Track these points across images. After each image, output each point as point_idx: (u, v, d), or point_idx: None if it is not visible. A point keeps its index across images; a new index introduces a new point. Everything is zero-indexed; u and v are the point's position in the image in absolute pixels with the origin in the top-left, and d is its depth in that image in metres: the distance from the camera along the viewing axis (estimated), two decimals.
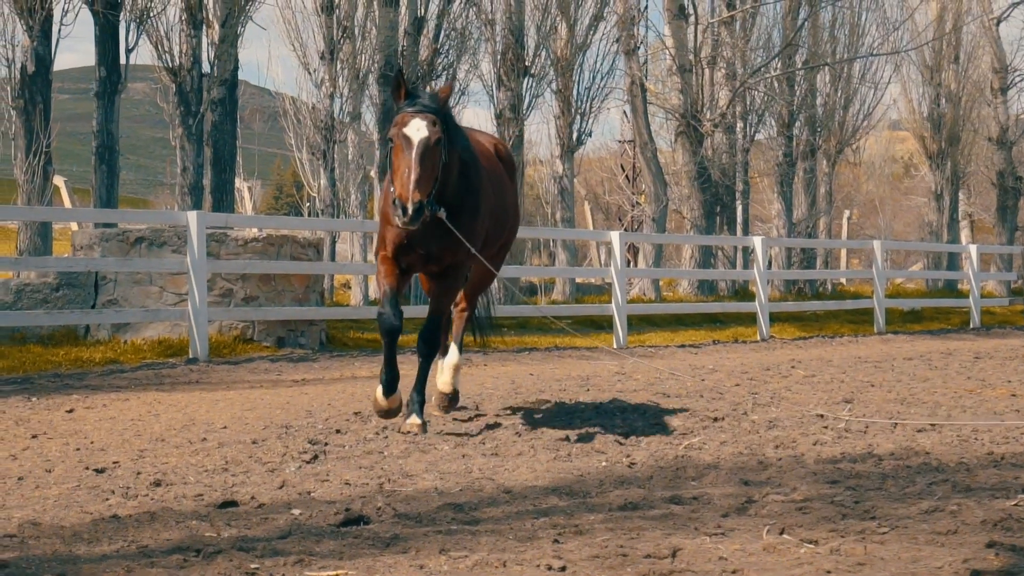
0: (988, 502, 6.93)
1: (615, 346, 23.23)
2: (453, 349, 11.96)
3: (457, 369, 11.88)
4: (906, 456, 9.08)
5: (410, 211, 9.68)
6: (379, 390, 10.70)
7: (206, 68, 27.36)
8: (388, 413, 10.70)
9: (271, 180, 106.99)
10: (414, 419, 10.60)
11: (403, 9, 30.98)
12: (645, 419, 11.50)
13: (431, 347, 10.83)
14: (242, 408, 12.67)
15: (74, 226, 25.27)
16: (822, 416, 11.66)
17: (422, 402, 10.82)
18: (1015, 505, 6.81)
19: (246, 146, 59.26)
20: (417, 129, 9.98)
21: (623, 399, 13.17)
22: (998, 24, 49.74)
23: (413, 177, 9.80)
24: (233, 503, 7.36)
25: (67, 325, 18.79)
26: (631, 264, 42.52)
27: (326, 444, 9.96)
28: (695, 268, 35.63)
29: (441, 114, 10.28)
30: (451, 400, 11.81)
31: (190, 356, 18.07)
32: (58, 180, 27.14)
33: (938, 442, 9.89)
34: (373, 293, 29.71)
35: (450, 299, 11.27)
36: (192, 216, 18.23)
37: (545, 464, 8.84)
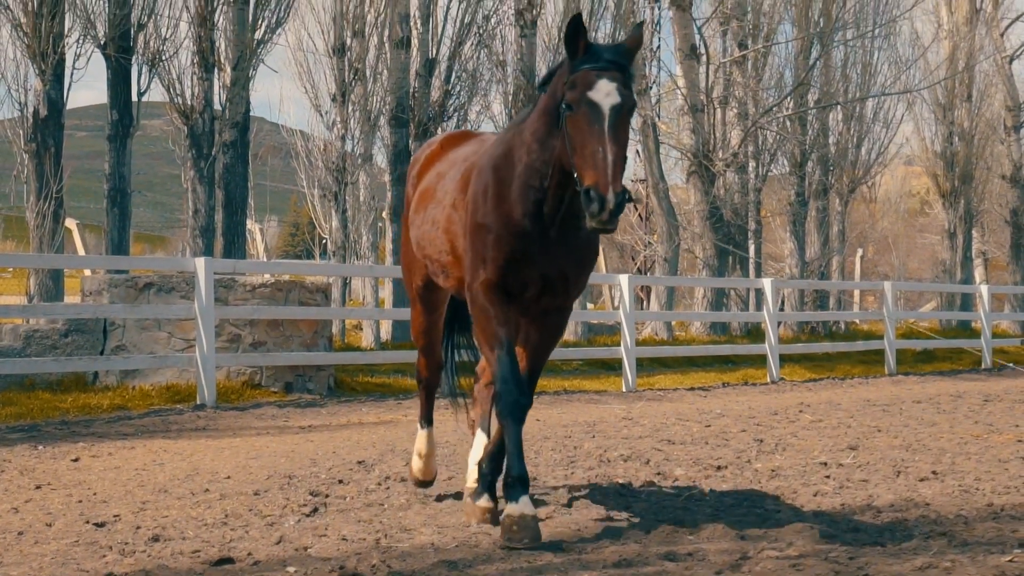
0: (982, 558, 6.92)
1: (624, 389, 23.22)
2: (480, 438, 9.55)
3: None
4: (906, 508, 9.08)
5: (611, 203, 7.36)
6: (473, 489, 8.91)
7: (218, 107, 27.49)
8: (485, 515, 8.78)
9: (287, 217, 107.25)
10: (485, 501, 8.70)
11: (414, 51, 31.16)
12: (648, 468, 11.50)
13: (524, 410, 8.27)
14: (247, 456, 12.69)
15: (86, 270, 25.35)
16: (825, 464, 11.66)
17: (495, 475, 8.76)
18: (1009, 561, 6.80)
19: (262, 183, 59.37)
20: (607, 94, 7.77)
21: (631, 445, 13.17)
22: (1011, 62, 49.80)
23: (611, 158, 7.50)
24: (229, 560, 7.38)
25: (75, 372, 18.84)
26: (643, 303, 42.49)
27: (327, 496, 9.97)
28: (707, 308, 35.67)
29: (631, 74, 8.04)
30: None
31: (198, 402, 18.11)
32: (70, 223, 27.23)
33: (939, 492, 9.89)
34: (385, 335, 29.70)
35: (552, 347, 8.86)
36: (200, 263, 18.30)
37: (543, 516, 8.83)
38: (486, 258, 8.33)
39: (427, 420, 10.29)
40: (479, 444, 9.41)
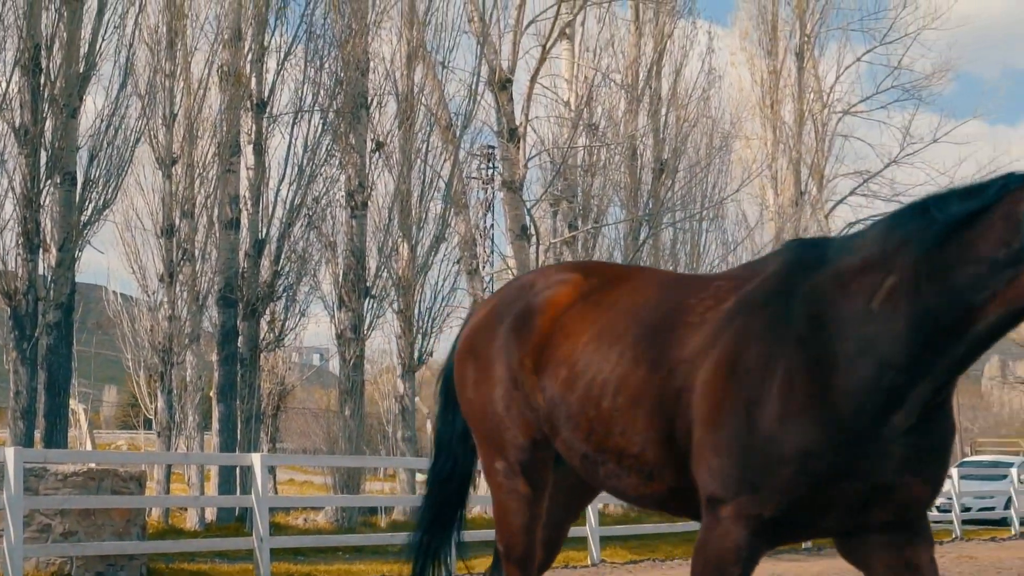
0: None
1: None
2: None
3: None
4: None
5: None
6: None
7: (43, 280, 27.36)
8: None
9: (127, 386, 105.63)
10: None
11: (244, 231, 31.34)
12: None
13: None
14: None
15: None
16: None
17: None
18: None
19: (104, 352, 58.63)
20: None
21: None
22: None
23: None
24: None
25: None
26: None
27: None
28: None
29: None
30: None
31: None
32: None
33: None
34: (210, 515, 29.37)
35: None
36: (9, 453, 18.14)
37: None
38: (767, 484, 6.05)
39: None
40: None
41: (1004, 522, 38.31)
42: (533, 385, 7.38)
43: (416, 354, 34.74)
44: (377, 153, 33.60)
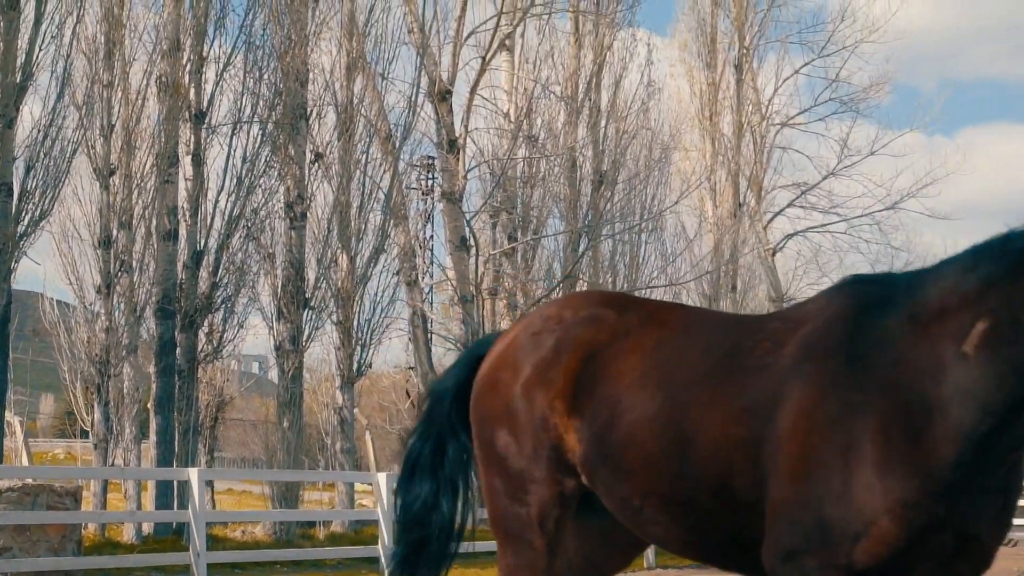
0: None
1: None
2: None
3: None
4: None
5: None
6: None
7: None
8: None
9: (64, 394, 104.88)
10: None
11: (182, 242, 31.23)
12: None
13: None
14: None
15: None
16: None
17: None
18: None
19: (42, 360, 58.19)
20: None
21: None
22: (773, 255, 51.36)
23: None
24: None
25: None
26: None
27: None
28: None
29: None
30: None
31: None
32: None
33: None
34: (147, 528, 29.23)
35: None
36: None
37: None
38: (863, 535, 5.66)
39: None
40: None
41: None
42: (566, 427, 6.78)
43: (355, 365, 34.68)
44: (316, 164, 33.53)
